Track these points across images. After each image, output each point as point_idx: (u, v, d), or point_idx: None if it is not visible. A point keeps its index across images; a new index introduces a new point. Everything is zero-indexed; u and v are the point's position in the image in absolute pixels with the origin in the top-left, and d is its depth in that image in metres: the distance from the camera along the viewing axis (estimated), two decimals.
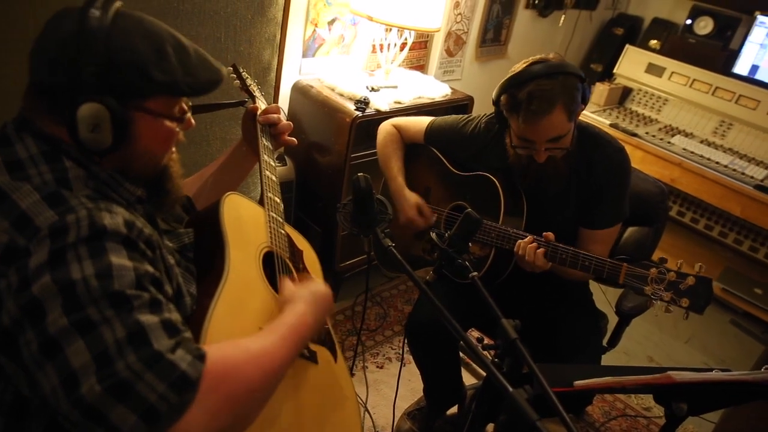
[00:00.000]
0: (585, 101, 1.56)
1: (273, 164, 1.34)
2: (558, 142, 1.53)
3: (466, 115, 1.87)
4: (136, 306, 0.76)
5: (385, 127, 1.97)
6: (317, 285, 1.11)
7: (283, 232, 1.24)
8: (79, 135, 0.84)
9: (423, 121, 1.91)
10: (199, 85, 0.93)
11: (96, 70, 0.83)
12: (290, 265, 1.21)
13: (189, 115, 0.99)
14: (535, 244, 1.54)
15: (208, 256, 1.07)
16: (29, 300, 0.73)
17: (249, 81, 1.51)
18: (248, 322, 1.01)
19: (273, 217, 1.24)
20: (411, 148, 1.95)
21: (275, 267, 1.16)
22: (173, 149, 1.00)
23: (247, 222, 1.17)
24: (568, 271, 1.58)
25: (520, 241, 1.56)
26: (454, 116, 1.90)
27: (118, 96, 0.85)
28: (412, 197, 1.86)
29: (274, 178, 1.32)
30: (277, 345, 0.89)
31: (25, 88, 0.88)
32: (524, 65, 1.54)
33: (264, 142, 1.34)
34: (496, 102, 1.60)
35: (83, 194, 0.82)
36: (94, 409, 0.70)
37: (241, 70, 1.52)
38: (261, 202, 1.26)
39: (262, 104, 1.42)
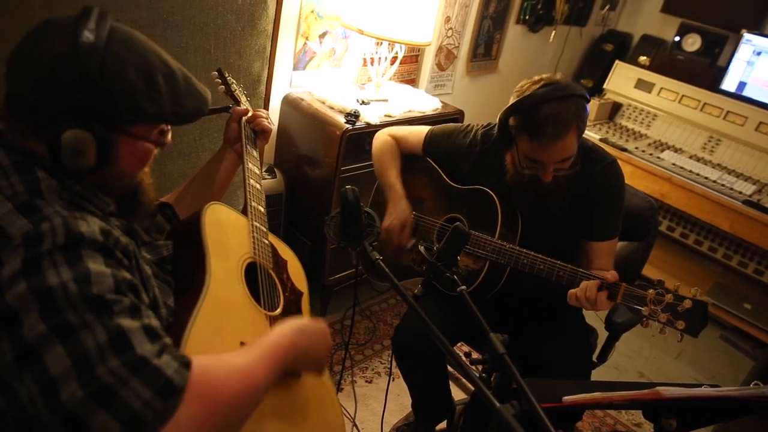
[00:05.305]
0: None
1: (257, 172, 1.33)
2: (566, 162, 1.56)
3: (464, 125, 1.85)
4: (116, 311, 0.74)
5: (381, 137, 1.93)
6: (305, 319, 1.10)
7: (266, 242, 1.23)
8: (62, 159, 0.82)
9: (420, 132, 1.89)
10: (185, 115, 0.94)
11: (86, 97, 0.81)
12: (273, 275, 1.20)
13: (169, 135, 0.98)
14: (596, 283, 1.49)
15: (188, 268, 1.05)
16: (3, 309, 0.71)
17: (234, 86, 1.51)
18: (229, 335, 0.99)
19: (256, 226, 1.22)
20: (407, 160, 1.93)
21: (258, 278, 1.14)
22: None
23: (230, 232, 1.16)
24: None
25: (585, 282, 1.49)
26: (451, 126, 1.88)
27: (103, 122, 0.84)
28: (405, 213, 1.82)
29: (258, 186, 1.30)
30: (259, 361, 0.88)
31: (3, 97, 0.86)
32: (531, 85, 1.53)
33: (249, 150, 1.33)
34: (503, 122, 1.58)
35: (57, 204, 0.80)
36: (75, 415, 0.68)
37: (226, 75, 1.51)
38: (245, 212, 1.24)
39: (247, 108, 1.42)
